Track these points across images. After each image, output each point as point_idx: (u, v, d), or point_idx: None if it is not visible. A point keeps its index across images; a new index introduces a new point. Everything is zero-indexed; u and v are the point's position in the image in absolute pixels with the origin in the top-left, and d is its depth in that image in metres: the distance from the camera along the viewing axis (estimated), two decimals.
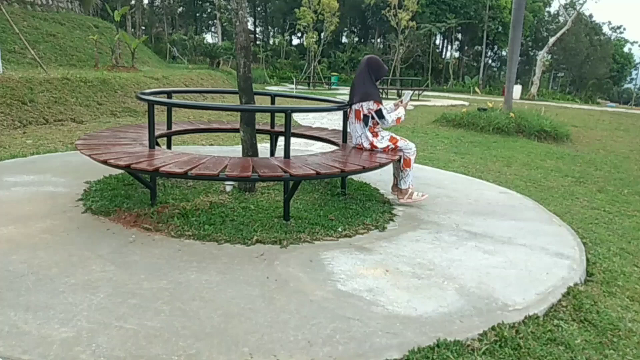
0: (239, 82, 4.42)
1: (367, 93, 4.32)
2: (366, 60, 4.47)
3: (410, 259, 3.27)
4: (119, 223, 3.59)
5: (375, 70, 4.39)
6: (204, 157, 3.67)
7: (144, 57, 20.73)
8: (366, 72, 4.37)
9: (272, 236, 3.45)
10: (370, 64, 4.41)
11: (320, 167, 3.60)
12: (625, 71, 61.88)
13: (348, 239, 3.59)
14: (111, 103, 10.38)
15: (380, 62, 4.49)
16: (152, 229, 3.49)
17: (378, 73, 4.42)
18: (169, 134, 4.91)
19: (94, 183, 4.52)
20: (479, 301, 2.73)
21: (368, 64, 4.40)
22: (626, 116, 21.20)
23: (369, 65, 4.39)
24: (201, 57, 34.21)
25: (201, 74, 18.38)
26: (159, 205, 3.91)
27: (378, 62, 4.46)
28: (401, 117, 4.50)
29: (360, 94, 4.34)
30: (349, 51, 45.84)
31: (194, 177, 3.28)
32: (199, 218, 3.67)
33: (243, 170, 3.39)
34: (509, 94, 12.95)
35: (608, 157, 10.10)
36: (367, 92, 4.32)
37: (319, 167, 3.59)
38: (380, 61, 4.50)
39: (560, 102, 32.63)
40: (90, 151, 3.70)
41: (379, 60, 4.49)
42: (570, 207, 5.65)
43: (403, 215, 4.30)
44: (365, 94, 4.32)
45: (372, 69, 4.38)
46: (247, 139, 4.48)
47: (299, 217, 3.89)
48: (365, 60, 4.47)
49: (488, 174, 6.98)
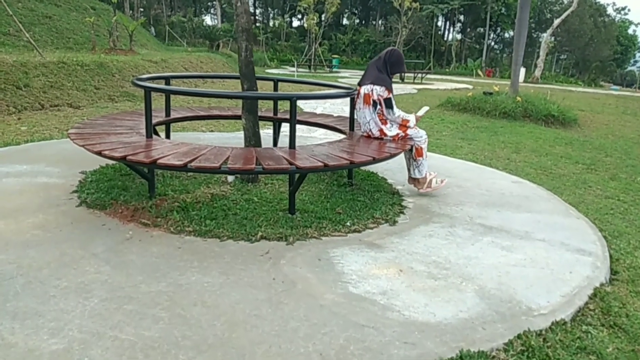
0: (240, 67, 4.18)
1: (380, 78, 4.10)
2: (389, 51, 4.30)
3: (425, 257, 3.07)
4: (115, 218, 3.39)
5: (393, 63, 4.19)
6: (204, 148, 3.45)
7: (142, 40, 20.37)
8: (384, 61, 4.18)
9: (277, 232, 3.26)
10: (391, 55, 4.23)
11: (328, 159, 3.39)
12: (629, 53, 61.14)
13: (357, 235, 3.39)
14: (109, 87, 10.12)
15: (402, 58, 4.29)
16: (151, 224, 3.30)
17: (394, 67, 4.22)
18: (167, 121, 4.69)
19: (90, 173, 4.31)
20: (501, 305, 2.54)
21: (389, 55, 4.22)
22: (632, 100, 20.89)
23: (389, 57, 4.21)
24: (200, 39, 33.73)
25: (200, 57, 18.06)
26: (157, 197, 3.71)
27: (400, 57, 4.26)
28: (410, 120, 4.28)
29: (373, 77, 4.13)
30: (350, 33, 45.24)
31: (194, 170, 3.08)
32: (199, 212, 3.48)
33: (246, 163, 3.18)
34: (515, 77, 12.65)
35: (617, 142, 9.87)
36: (380, 78, 4.10)
37: (326, 159, 3.38)
38: (402, 58, 4.30)
39: (564, 85, 32.30)
40: (83, 141, 3.49)
41: (401, 56, 4.29)
42: (584, 196, 5.47)
43: (414, 208, 4.10)
44: (378, 78, 4.11)
45: (390, 61, 4.20)
46: (249, 127, 4.26)
47: (304, 211, 3.70)
48: (387, 51, 4.29)
49: (497, 161, 6.78)
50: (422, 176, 4.34)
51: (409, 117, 4.29)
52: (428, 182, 4.37)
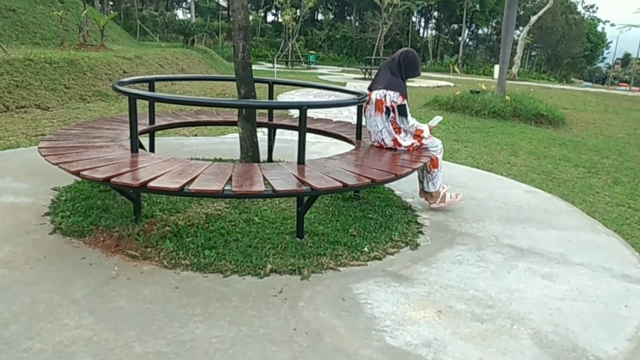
0: (236, 69, 3.71)
1: (394, 82, 3.68)
2: (403, 52, 3.85)
3: (462, 291, 2.68)
4: (96, 248, 2.89)
5: (408, 66, 3.77)
6: (200, 166, 2.98)
7: (114, 35, 19.51)
8: (398, 63, 3.75)
9: (288, 263, 2.81)
10: (406, 57, 3.79)
11: (346, 177, 2.95)
12: (598, 50, 62.36)
13: (379, 263, 2.97)
14: (80, 86, 9.44)
15: (418, 60, 3.86)
16: (139, 256, 2.81)
17: (409, 70, 3.80)
18: (151, 129, 4.17)
19: (64, 190, 3.78)
20: (564, 354, 2.16)
21: (403, 57, 3.78)
22: (609, 97, 21.02)
23: (405, 59, 3.78)
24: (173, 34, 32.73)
25: (176, 53, 17.31)
26: (144, 220, 3.22)
27: (415, 59, 3.83)
28: (424, 130, 3.88)
29: (386, 81, 3.71)
30: (326, 29, 44.70)
31: (192, 195, 2.61)
32: (195, 239, 3.00)
33: (252, 183, 2.72)
34: (502, 75, 12.44)
35: (609, 142, 9.72)
36: (394, 82, 3.68)
37: (343, 177, 2.94)
38: (418, 60, 3.88)
39: (540, 81, 32.53)
40: (57, 158, 2.97)
41: (417, 58, 3.86)
42: (595, 204, 5.22)
43: (431, 226, 3.71)
44: (391, 82, 3.68)
45: (405, 64, 3.77)
46: (246, 136, 3.80)
47: (314, 233, 3.26)
48: (402, 52, 3.84)
49: (499, 166, 6.49)
50: (436, 189, 3.95)
51: (423, 127, 3.89)
52: (442, 196, 3.98)
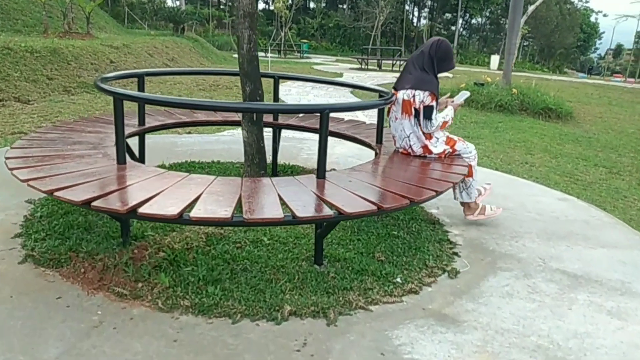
0: (241, 64, 3.20)
1: (424, 80, 3.16)
2: (434, 43, 3.28)
3: (522, 337, 2.21)
4: (76, 283, 2.38)
5: (441, 59, 3.22)
6: (201, 183, 2.46)
7: (101, 22, 18.77)
8: (429, 56, 3.20)
9: (309, 302, 2.32)
10: (438, 48, 3.23)
11: (377, 195, 2.45)
12: (591, 41, 62.23)
13: (416, 298, 2.49)
14: (64, 77, 8.84)
15: (451, 51, 3.32)
16: (128, 294, 2.30)
17: (443, 64, 3.24)
18: (141, 131, 3.64)
19: (39, 204, 3.25)
20: None
21: (436, 48, 3.22)
22: (608, 89, 20.66)
23: (438, 51, 3.22)
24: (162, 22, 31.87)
25: (166, 42, 16.65)
26: (134, 244, 2.71)
27: (449, 50, 3.28)
28: (448, 120, 3.37)
29: (416, 79, 3.18)
30: (319, 17, 43.88)
31: (195, 223, 2.10)
32: (196, 268, 2.50)
33: (267, 207, 2.21)
34: (508, 66, 11.96)
35: (622, 139, 9.32)
36: (424, 80, 3.16)
37: (374, 195, 2.44)
38: (452, 50, 3.33)
39: (536, 72, 32.13)
40: (28, 172, 2.45)
41: (450, 48, 3.30)
42: (627, 210, 4.84)
43: (465, 244, 3.23)
44: (421, 80, 3.16)
45: (439, 57, 3.21)
46: (252, 141, 3.29)
47: (334, 258, 2.77)
48: (433, 44, 3.27)
49: (517, 167, 6.06)
50: (472, 200, 3.46)
51: (447, 117, 3.33)
52: (481, 208, 3.49)
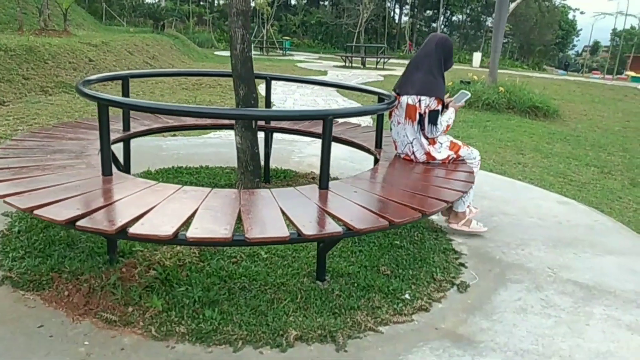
0: (234, 65, 3.00)
1: (432, 84, 3.01)
2: (441, 42, 3.13)
3: (543, 359, 2.07)
4: (59, 308, 2.17)
5: (447, 58, 3.10)
6: (196, 196, 2.27)
7: (78, 19, 18.28)
8: (436, 57, 3.05)
9: (315, 324, 2.15)
10: (445, 47, 3.10)
11: (385, 207, 2.29)
12: (569, 38, 63.16)
13: (427, 317, 2.34)
14: (40, 77, 8.50)
15: (452, 48, 3.19)
16: (117, 320, 2.10)
17: (447, 64, 3.13)
18: (127, 137, 3.42)
19: (17, 217, 3.02)
20: None
21: (442, 46, 3.08)
22: (589, 86, 20.84)
23: (443, 48, 3.08)
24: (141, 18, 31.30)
25: (146, 39, 16.27)
26: (122, 261, 2.51)
27: (452, 48, 3.16)
28: (451, 124, 3.26)
29: (422, 84, 3.02)
30: (301, 14, 43.61)
31: (192, 244, 1.92)
32: (190, 288, 2.31)
33: (269, 223, 2.04)
34: (494, 65, 11.93)
35: (608, 137, 9.34)
36: (431, 84, 3.01)
37: (382, 207, 2.28)
38: (452, 47, 3.20)
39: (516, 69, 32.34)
40: (5, 186, 2.23)
41: (452, 46, 3.18)
42: (623, 212, 4.78)
43: (470, 253, 3.10)
44: (429, 83, 3.01)
45: (445, 55, 3.09)
46: (245, 147, 3.10)
47: (337, 273, 2.61)
48: (439, 43, 3.12)
49: (510, 167, 5.98)
50: (463, 210, 3.30)
51: (450, 120, 3.25)
52: (467, 220, 3.33)
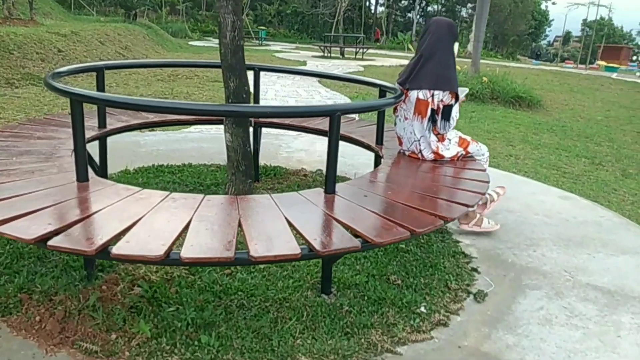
0: (223, 55, 2.71)
1: (446, 78, 2.75)
2: (450, 24, 2.88)
3: None
4: (30, 337, 1.87)
5: (454, 43, 2.85)
6: (187, 205, 1.99)
7: (45, 8, 17.51)
8: (449, 44, 2.80)
9: (327, 347, 1.90)
10: (456, 32, 2.87)
11: (402, 214, 2.05)
12: (541, 28, 64.01)
13: (447, 333, 2.12)
14: (5, 68, 8.01)
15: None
16: (99, 350, 1.81)
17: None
18: (103, 135, 3.10)
19: None
20: None
21: (454, 32, 2.84)
22: (566, 75, 20.98)
23: (455, 35, 2.84)
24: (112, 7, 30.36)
25: (117, 29, 15.67)
26: (101, 278, 2.21)
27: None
28: (457, 118, 3.04)
29: (437, 77, 2.76)
30: (276, 3, 42.95)
31: (187, 264, 1.64)
32: (182, 310, 2.03)
33: (276, 238, 1.77)
34: (477, 54, 11.80)
35: (592, 127, 9.32)
36: (445, 76, 2.75)
37: (399, 214, 2.04)
38: None
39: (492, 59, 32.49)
40: None
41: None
42: (621, 205, 4.68)
43: (480, 256, 2.89)
44: (444, 78, 2.75)
45: (453, 43, 2.83)
46: (236, 145, 2.82)
47: (343, 284, 2.36)
48: (450, 25, 2.88)
49: (503, 160, 5.84)
50: (473, 209, 3.11)
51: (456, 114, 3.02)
52: (477, 219, 3.13)
